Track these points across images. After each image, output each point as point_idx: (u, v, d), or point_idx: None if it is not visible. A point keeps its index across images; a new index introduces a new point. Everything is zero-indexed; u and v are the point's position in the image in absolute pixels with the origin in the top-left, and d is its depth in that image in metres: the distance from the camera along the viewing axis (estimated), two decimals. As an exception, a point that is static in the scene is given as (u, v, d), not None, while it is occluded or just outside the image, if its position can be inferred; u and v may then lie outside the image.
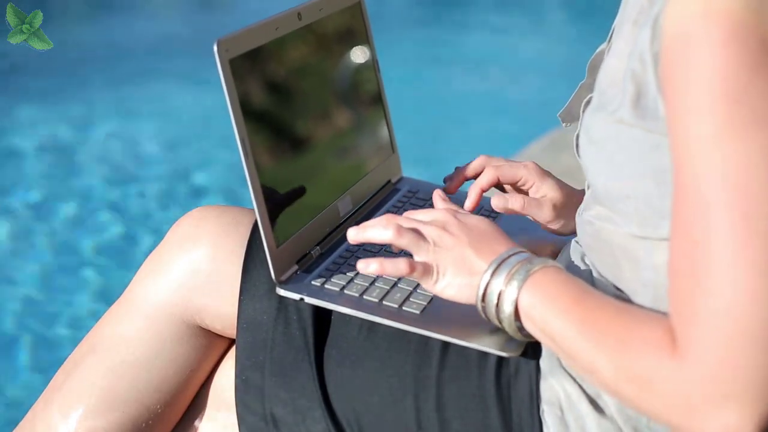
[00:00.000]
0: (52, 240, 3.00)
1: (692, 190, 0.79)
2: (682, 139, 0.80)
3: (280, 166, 1.11)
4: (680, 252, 0.81)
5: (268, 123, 1.10)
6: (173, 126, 3.93)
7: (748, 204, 0.77)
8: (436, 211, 1.02)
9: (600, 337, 0.86)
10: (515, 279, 0.92)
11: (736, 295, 0.77)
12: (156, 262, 1.16)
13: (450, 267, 0.97)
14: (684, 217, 0.80)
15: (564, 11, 5.87)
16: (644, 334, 0.83)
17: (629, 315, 0.86)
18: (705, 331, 0.78)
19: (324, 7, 1.20)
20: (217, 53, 1.00)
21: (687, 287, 0.80)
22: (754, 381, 0.77)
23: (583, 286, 0.91)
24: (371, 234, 1.00)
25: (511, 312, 0.93)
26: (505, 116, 4.05)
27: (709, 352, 0.78)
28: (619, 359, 0.84)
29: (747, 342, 0.77)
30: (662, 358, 0.81)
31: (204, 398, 1.19)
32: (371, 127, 1.32)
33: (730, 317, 0.77)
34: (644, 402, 0.83)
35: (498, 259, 0.94)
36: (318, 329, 1.07)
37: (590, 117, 0.96)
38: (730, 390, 0.77)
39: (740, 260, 0.77)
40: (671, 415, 0.81)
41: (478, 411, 1.01)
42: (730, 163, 0.77)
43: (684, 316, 0.80)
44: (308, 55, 1.19)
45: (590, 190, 1.01)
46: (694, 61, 0.79)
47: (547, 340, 0.92)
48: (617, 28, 0.96)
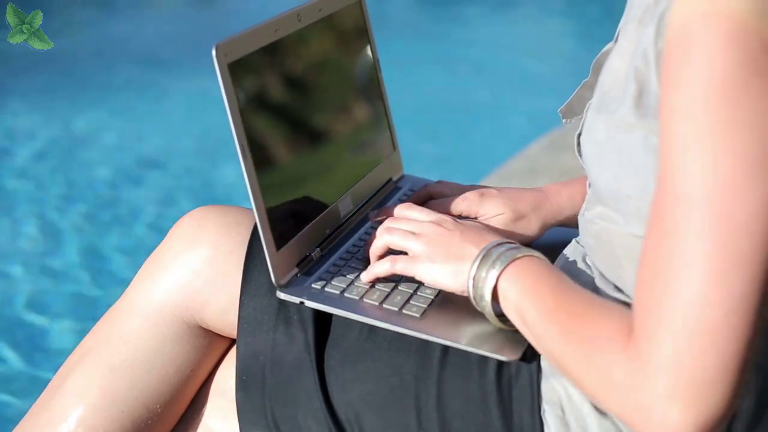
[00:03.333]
0: (52, 240, 3.00)
1: (672, 184, 0.79)
2: (670, 134, 0.80)
3: (280, 168, 1.11)
4: (650, 243, 0.81)
5: (268, 126, 1.10)
6: (173, 126, 3.93)
7: (724, 206, 0.77)
8: (434, 213, 1.06)
9: (566, 327, 0.88)
10: (496, 265, 0.95)
11: (694, 295, 0.77)
12: (156, 262, 1.16)
13: (440, 255, 1.00)
14: (659, 209, 0.80)
15: (565, 11, 5.86)
16: (605, 326, 0.84)
17: (596, 307, 0.88)
18: (658, 327, 0.78)
19: (324, 7, 1.20)
20: (215, 58, 1.00)
21: (649, 279, 0.80)
22: (699, 382, 0.77)
23: (561, 277, 0.93)
24: (373, 248, 1.08)
25: (489, 296, 0.96)
26: (506, 115, 4.05)
27: (659, 348, 0.78)
28: (581, 349, 0.85)
29: (697, 343, 0.77)
30: (617, 349, 0.82)
31: (204, 398, 1.19)
32: (372, 126, 1.31)
33: (684, 316, 0.77)
34: (600, 394, 0.84)
35: (487, 246, 0.97)
36: (318, 329, 1.08)
37: (592, 117, 0.96)
38: (675, 388, 0.77)
39: (704, 261, 0.77)
40: (618, 407, 0.82)
41: (478, 411, 1.01)
42: (713, 161, 0.77)
43: (642, 308, 0.81)
44: (308, 56, 1.18)
45: (592, 190, 1.01)
46: (692, 58, 0.79)
47: (519, 323, 0.94)
48: (623, 28, 0.96)
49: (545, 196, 1.18)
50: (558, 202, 1.18)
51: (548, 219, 1.18)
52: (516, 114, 4.05)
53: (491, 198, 1.18)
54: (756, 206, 0.76)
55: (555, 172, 3.04)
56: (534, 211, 1.17)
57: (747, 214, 0.76)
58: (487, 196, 1.18)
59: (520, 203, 1.17)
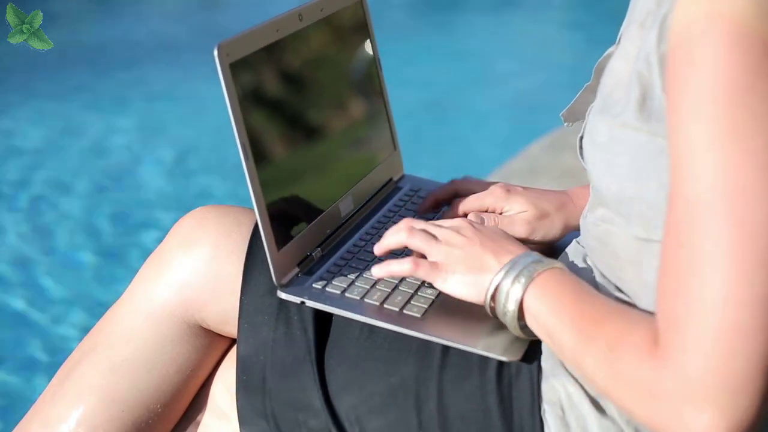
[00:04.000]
0: (52, 239, 3.00)
1: (685, 190, 0.79)
2: (679, 139, 0.80)
3: (281, 168, 1.11)
4: (668, 252, 0.81)
5: (269, 126, 1.10)
6: (174, 126, 3.93)
7: (738, 209, 0.77)
8: (452, 219, 1.06)
9: (590, 336, 0.87)
10: (522, 278, 0.95)
11: (719, 301, 0.77)
12: (157, 262, 1.16)
13: (460, 265, 1.00)
14: (674, 217, 0.80)
15: (566, 12, 5.87)
16: (631, 334, 0.84)
17: (621, 316, 0.87)
18: (685, 335, 0.78)
19: (325, 7, 1.20)
20: (217, 58, 1.00)
21: (671, 288, 0.80)
22: (730, 387, 0.76)
23: (583, 287, 0.93)
24: (387, 241, 1.06)
25: (514, 310, 0.95)
26: (506, 115, 4.05)
27: (688, 356, 0.78)
28: (605, 358, 0.85)
29: (725, 347, 0.76)
30: (643, 359, 0.81)
31: (204, 398, 1.19)
32: (373, 126, 1.31)
33: (709, 321, 0.77)
34: (627, 402, 0.84)
35: (513, 260, 0.97)
36: (319, 329, 1.08)
37: (594, 119, 0.96)
38: (705, 395, 0.77)
39: (725, 266, 0.77)
40: (650, 418, 0.81)
41: (479, 411, 1.01)
42: (723, 166, 0.77)
43: (666, 318, 0.80)
44: (310, 56, 1.18)
45: (594, 193, 1.00)
46: (697, 62, 0.79)
47: (545, 336, 0.94)
48: (625, 30, 0.96)
49: (569, 198, 1.19)
50: (581, 205, 1.18)
51: (571, 220, 1.18)
52: (516, 114, 4.05)
53: (517, 195, 1.18)
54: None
55: (555, 172, 3.04)
56: (557, 212, 1.17)
57: (763, 213, 0.76)
58: (513, 192, 1.18)
59: (544, 202, 1.18)
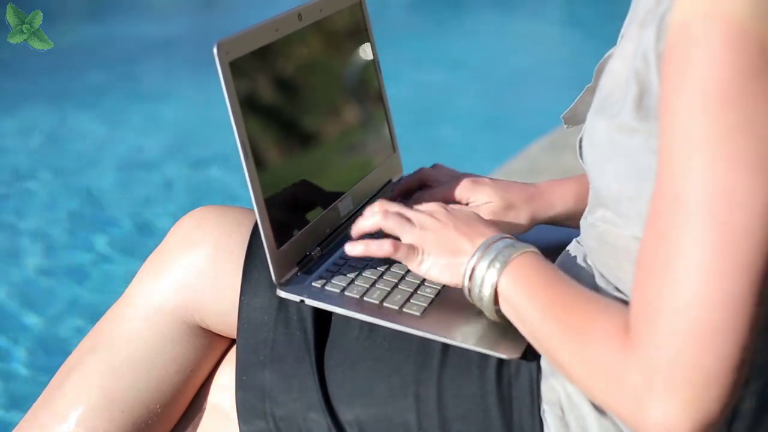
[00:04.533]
0: (52, 239, 3.00)
1: (671, 187, 0.79)
2: (669, 137, 0.80)
3: (281, 168, 1.11)
4: (646, 243, 0.82)
5: (269, 125, 1.10)
6: (174, 126, 3.93)
7: (722, 211, 0.77)
8: (426, 203, 1.06)
9: (561, 322, 0.88)
10: (497, 263, 0.96)
11: (693, 296, 0.77)
12: (157, 262, 1.16)
13: (434, 248, 1.01)
14: (658, 211, 0.81)
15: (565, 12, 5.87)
16: (602, 323, 0.85)
17: (592, 303, 0.88)
18: (655, 326, 0.79)
19: (324, 7, 1.20)
20: (216, 56, 1.00)
21: (645, 279, 0.81)
22: (696, 381, 0.77)
23: (556, 273, 0.94)
24: (361, 223, 1.06)
25: (490, 294, 0.96)
26: (506, 116, 4.05)
27: (657, 347, 0.78)
28: (575, 346, 0.86)
29: (696, 343, 0.77)
30: (612, 346, 0.82)
31: (204, 398, 1.19)
32: (372, 127, 1.32)
33: (682, 316, 0.77)
34: (593, 387, 0.84)
35: (486, 242, 0.97)
36: (318, 329, 1.08)
37: (592, 120, 0.96)
38: (670, 386, 0.78)
39: (704, 265, 0.77)
40: (616, 405, 0.82)
41: (478, 411, 1.01)
42: (712, 166, 0.77)
43: (638, 308, 0.81)
44: (309, 56, 1.18)
45: (593, 193, 1.01)
46: (692, 60, 0.79)
47: (517, 321, 0.95)
48: (626, 30, 0.96)
49: (537, 191, 1.20)
50: (550, 198, 1.19)
51: (538, 213, 1.19)
52: (516, 114, 4.05)
53: (483, 186, 1.19)
54: (755, 207, 0.76)
55: (555, 172, 3.04)
56: (525, 204, 1.18)
57: (747, 216, 0.76)
58: (479, 183, 1.19)
59: (511, 194, 1.19)
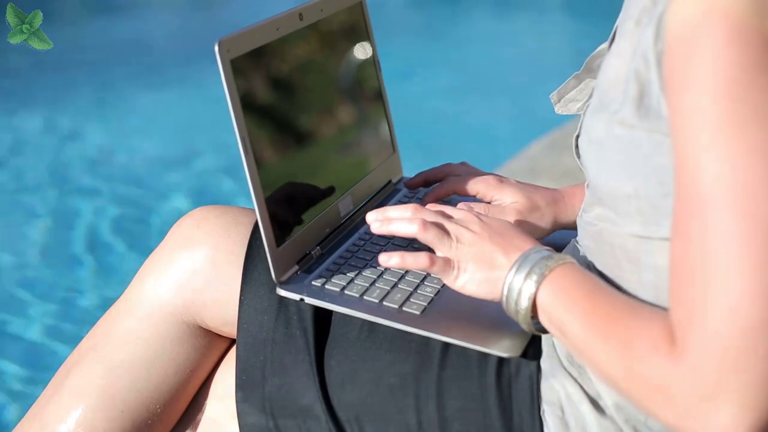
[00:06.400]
0: (52, 238, 3.00)
1: (691, 187, 0.79)
2: (683, 137, 0.80)
3: (281, 167, 1.11)
4: (678, 251, 0.81)
5: (269, 123, 1.11)
6: (174, 126, 3.93)
7: (746, 203, 0.76)
8: (459, 211, 1.05)
9: (604, 333, 0.87)
10: (534, 275, 0.94)
11: (732, 295, 0.76)
12: (157, 262, 1.16)
13: (471, 263, 0.99)
14: (682, 215, 0.80)
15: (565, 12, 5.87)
16: (646, 332, 0.83)
17: (635, 312, 0.87)
18: (702, 333, 0.78)
19: (325, 7, 1.20)
20: (218, 53, 1.00)
21: (684, 287, 0.80)
22: (749, 384, 0.76)
23: (595, 282, 0.92)
24: (396, 227, 1.03)
25: (528, 307, 0.94)
26: (506, 116, 4.05)
27: (706, 353, 0.77)
28: (621, 356, 0.84)
29: (744, 345, 0.76)
30: (661, 357, 0.81)
31: (204, 398, 1.19)
32: (372, 127, 1.32)
33: (724, 318, 0.76)
34: (644, 400, 0.83)
35: (523, 255, 0.96)
36: (318, 329, 1.08)
37: (590, 118, 0.96)
38: (724, 393, 0.77)
39: (738, 260, 0.76)
40: (668, 414, 0.81)
41: (478, 411, 1.01)
42: (728, 160, 0.77)
43: (682, 317, 0.80)
44: (309, 55, 1.19)
45: (591, 192, 1.00)
46: (696, 59, 0.79)
47: (558, 333, 0.93)
48: (620, 27, 0.96)
49: (561, 195, 1.20)
50: (573, 203, 1.19)
51: (561, 217, 1.19)
52: (516, 114, 4.05)
53: (509, 186, 1.20)
54: None
55: (555, 172, 3.04)
56: (548, 206, 1.19)
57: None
58: (505, 183, 1.20)
59: (536, 196, 1.19)
